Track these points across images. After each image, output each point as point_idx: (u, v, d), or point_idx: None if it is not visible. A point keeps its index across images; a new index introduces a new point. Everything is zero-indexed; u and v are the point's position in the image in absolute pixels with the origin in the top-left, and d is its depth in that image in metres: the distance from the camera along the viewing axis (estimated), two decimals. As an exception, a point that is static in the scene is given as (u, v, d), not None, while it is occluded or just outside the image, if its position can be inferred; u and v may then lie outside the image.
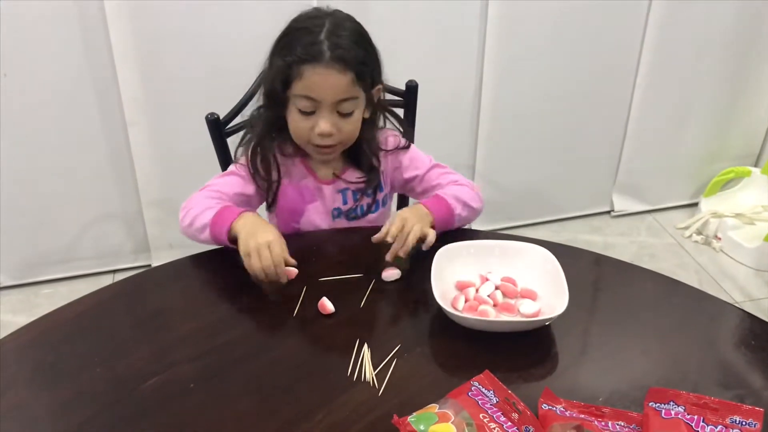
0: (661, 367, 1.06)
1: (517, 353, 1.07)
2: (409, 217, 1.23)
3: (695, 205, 2.83)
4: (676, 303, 1.20)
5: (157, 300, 1.22)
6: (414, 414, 0.92)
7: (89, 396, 1.00)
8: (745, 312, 1.18)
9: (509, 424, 0.89)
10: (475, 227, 1.42)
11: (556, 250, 1.19)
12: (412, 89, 1.60)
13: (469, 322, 1.09)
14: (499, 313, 1.13)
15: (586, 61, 2.45)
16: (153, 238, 2.40)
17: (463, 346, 1.08)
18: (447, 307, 1.08)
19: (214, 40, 2.10)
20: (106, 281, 2.39)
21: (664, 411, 0.90)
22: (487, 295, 1.16)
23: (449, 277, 1.19)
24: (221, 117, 1.49)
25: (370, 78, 1.30)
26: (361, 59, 1.27)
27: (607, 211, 2.83)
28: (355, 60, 1.25)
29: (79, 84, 2.12)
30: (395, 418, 0.92)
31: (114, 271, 2.46)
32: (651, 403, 0.92)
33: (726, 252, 2.60)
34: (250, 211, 1.25)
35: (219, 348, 1.09)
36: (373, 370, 1.03)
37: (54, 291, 2.38)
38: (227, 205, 1.27)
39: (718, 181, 2.74)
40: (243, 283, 1.20)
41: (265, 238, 1.16)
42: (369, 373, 1.02)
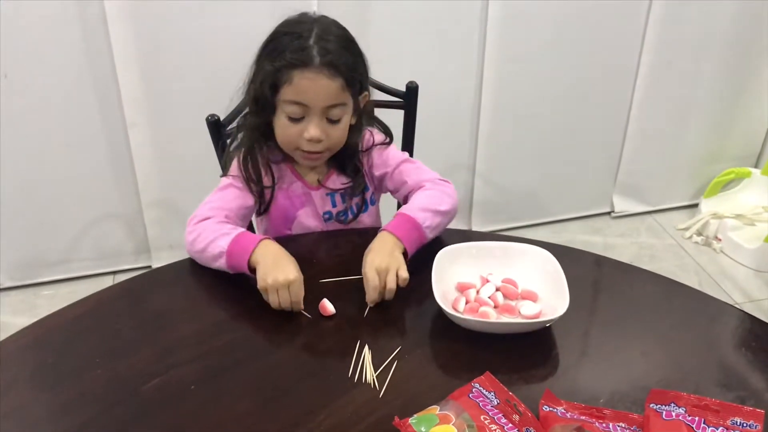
0: (662, 368, 1.06)
1: (518, 355, 1.07)
2: (380, 265, 1.15)
3: (695, 206, 2.83)
4: (676, 304, 1.20)
5: (157, 301, 1.22)
6: (415, 416, 0.92)
7: (90, 397, 1.00)
8: (746, 313, 1.18)
9: (510, 425, 0.89)
10: (476, 229, 1.42)
11: (556, 251, 1.19)
12: (412, 90, 1.60)
13: (469, 323, 1.09)
14: (499, 315, 1.13)
15: (586, 61, 2.45)
16: (153, 239, 2.40)
17: (463, 347, 1.08)
18: (448, 308, 1.08)
19: (215, 41, 2.10)
20: (107, 282, 2.39)
21: (665, 412, 0.90)
22: (487, 297, 1.16)
23: (450, 279, 1.19)
24: (221, 118, 1.49)
25: (358, 84, 1.29)
26: (351, 65, 1.26)
27: (608, 212, 2.82)
28: (344, 66, 1.24)
29: (80, 85, 2.12)
30: (396, 419, 0.92)
31: (114, 272, 2.46)
32: (652, 405, 0.92)
33: (726, 253, 2.60)
34: (267, 238, 1.21)
35: (220, 349, 1.09)
36: (374, 372, 1.03)
37: (54, 292, 2.38)
38: (242, 232, 1.23)
39: (718, 182, 2.74)
40: (244, 285, 1.20)
41: (285, 276, 1.12)
42: (370, 374, 1.02)
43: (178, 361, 1.06)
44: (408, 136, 1.65)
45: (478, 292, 1.17)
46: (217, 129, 1.49)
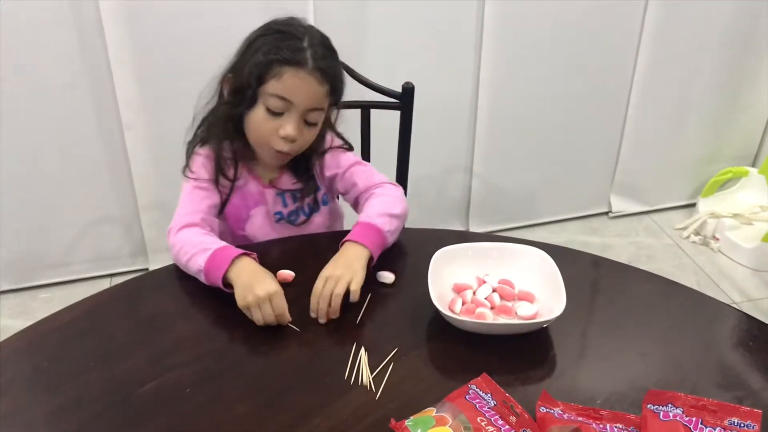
0: (660, 368, 1.06)
1: (515, 356, 1.06)
2: (332, 273, 1.15)
3: (693, 205, 2.83)
4: (674, 304, 1.19)
5: (153, 304, 1.22)
6: (411, 417, 0.92)
7: (86, 400, 1.00)
8: (744, 313, 1.18)
9: (507, 427, 0.89)
10: (473, 229, 1.42)
11: (553, 252, 1.19)
12: (408, 91, 1.60)
13: (466, 324, 1.09)
14: (496, 316, 1.13)
15: (582, 61, 2.45)
16: (150, 242, 2.40)
17: (460, 349, 1.08)
18: (444, 310, 1.08)
19: (210, 42, 2.09)
20: (104, 285, 2.37)
21: (662, 413, 0.90)
22: (484, 298, 1.16)
23: (446, 280, 1.18)
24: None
25: (337, 95, 1.33)
26: (338, 77, 1.31)
27: (605, 212, 2.82)
28: (333, 75, 1.28)
29: (75, 87, 2.12)
30: (392, 421, 0.92)
31: (111, 275, 2.46)
32: (649, 405, 0.92)
33: (724, 252, 2.60)
34: (245, 254, 1.19)
35: (216, 352, 1.09)
36: (370, 374, 1.03)
37: (51, 295, 2.38)
38: (218, 248, 1.19)
39: (715, 182, 2.74)
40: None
41: (265, 289, 1.10)
42: (366, 376, 1.02)
43: (174, 364, 1.05)
44: (404, 137, 1.65)
45: (474, 293, 1.17)
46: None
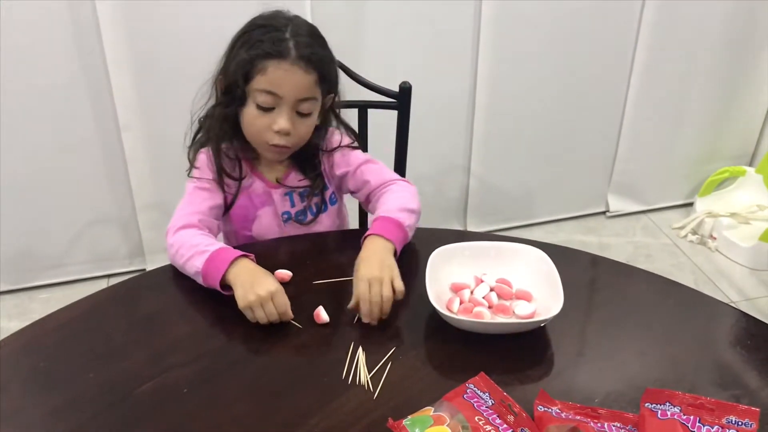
0: (658, 367, 1.06)
1: (513, 355, 1.06)
2: (372, 277, 1.12)
3: (690, 204, 2.83)
4: (672, 303, 1.19)
5: (151, 304, 1.22)
6: (409, 417, 0.92)
7: (83, 401, 0.99)
8: (741, 312, 1.18)
9: (505, 426, 0.89)
10: (471, 229, 1.42)
11: (551, 251, 1.19)
12: (405, 91, 1.60)
13: (464, 324, 1.09)
14: (494, 315, 1.13)
15: (580, 61, 2.45)
16: (147, 242, 2.40)
17: (458, 348, 1.08)
18: (442, 309, 1.08)
19: (207, 43, 2.07)
20: (101, 286, 2.38)
21: (660, 412, 0.90)
22: (482, 297, 1.16)
23: (444, 279, 1.18)
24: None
25: (328, 83, 1.31)
26: (325, 62, 1.29)
27: (603, 212, 2.82)
28: (320, 61, 1.27)
29: (73, 88, 2.11)
30: (390, 421, 0.92)
31: (109, 275, 2.45)
32: (647, 404, 0.92)
33: (721, 251, 2.60)
34: (243, 256, 1.18)
35: (213, 352, 1.08)
36: (368, 374, 1.02)
37: (49, 296, 2.37)
38: (216, 250, 1.19)
39: (713, 181, 2.74)
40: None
41: (266, 288, 1.10)
42: (364, 376, 1.02)
43: (171, 364, 1.05)
44: (401, 137, 1.65)
45: (472, 293, 1.17)
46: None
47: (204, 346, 1.09)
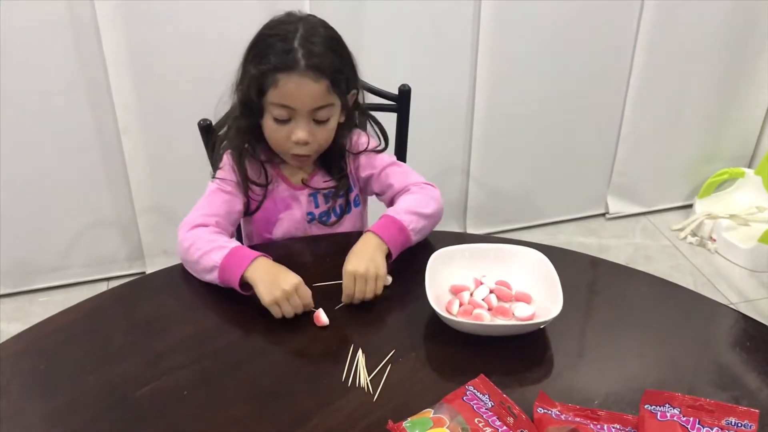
0: (657, 369, 1.06)
1: (512, 357, 1.06)
2: (358, 273, 1.16)
3: (690, 206, 2.83)
4: (671, 305, 1.19)
5: (150, 307, 1.22)
6: (409, 419, 0.92)
7: (83, 403, 1.00)
8: (741, 313, 1.18)
9: (505, 428, 0.89)
10: (471, 231, 1.42)
11: (551, 253, 1.19)
12: (404, 93, 1.60)
13: (463, 326, 1.09)
14: (493, 317, 1.13)
15: (579, 62, 2.45)
16: (147, 245, 2.39)
17: (457, 350, 1.08)
18: (441, 311, 1.08)
19: (207, 46, 2.10)
20: (101, 289, 2.38)
21: (659, 413, 0.90)
22: (481, 299, 1.16)
23: (443, 281, 1.18)
24: (213, 123, 1.49)
25: (345, 84, 1.29)
26: (337, 66, 1.26)
27: (602, 214, 2.83)
28: (330, 67, 1.24)
29: (72, 91, 2.12)
30: (390, 423, 0.92)
31: (109, 278, 2.45)
32: (646, 406, 0.92)
33: (721, 253, 2.60)
34: (262, 256, 1.19)
35: (213, 354, 1.08)
36: (368, 376, 1.03)
37: (49, 299, 2.37)
38: (236, 247, 1.21)
39: (712, 183, 2.74)
40: (236, 291, 1.19)
41: (290, 282, 1.12)
42: (363, 378, 1.02)
43: (171, 367, 1.05)
44: (401, 139, 1.65)
45: (471, 295, 1.17)
46: (209, 134, 1.49)
47: (204, 349, 1.09)
